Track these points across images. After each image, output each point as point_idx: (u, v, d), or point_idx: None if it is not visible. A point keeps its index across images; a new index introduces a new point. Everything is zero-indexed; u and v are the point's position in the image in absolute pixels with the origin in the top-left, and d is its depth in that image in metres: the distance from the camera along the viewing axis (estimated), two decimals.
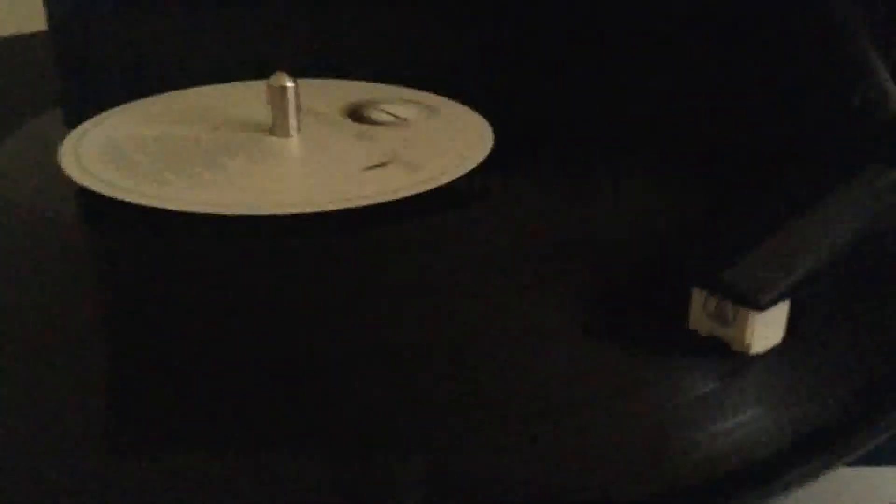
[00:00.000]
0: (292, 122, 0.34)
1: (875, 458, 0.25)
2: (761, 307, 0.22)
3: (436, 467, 0.20)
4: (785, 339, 0.23)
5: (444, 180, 0.31)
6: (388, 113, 0.37)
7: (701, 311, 0.23)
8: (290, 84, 0.34)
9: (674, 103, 0.39)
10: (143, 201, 0.30)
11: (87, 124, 0.36)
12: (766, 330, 0.23)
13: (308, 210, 0.29)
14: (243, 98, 0.38)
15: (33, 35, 0.48)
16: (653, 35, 0.43)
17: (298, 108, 0.34)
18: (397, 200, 0.30)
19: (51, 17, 0.48)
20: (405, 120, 0.36)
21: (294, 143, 0.34)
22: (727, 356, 0.23)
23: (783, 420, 0.21)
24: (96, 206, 0.30)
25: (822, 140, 0.32)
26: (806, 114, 0.35)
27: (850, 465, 0.22)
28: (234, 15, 0.49)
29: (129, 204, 0.30)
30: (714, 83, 0.40)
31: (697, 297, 0.23)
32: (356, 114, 0.37)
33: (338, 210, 0.29)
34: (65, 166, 0.32)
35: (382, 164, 0.32)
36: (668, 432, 0.21)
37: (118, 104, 0.38)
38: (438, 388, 0.22)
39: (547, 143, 0.36)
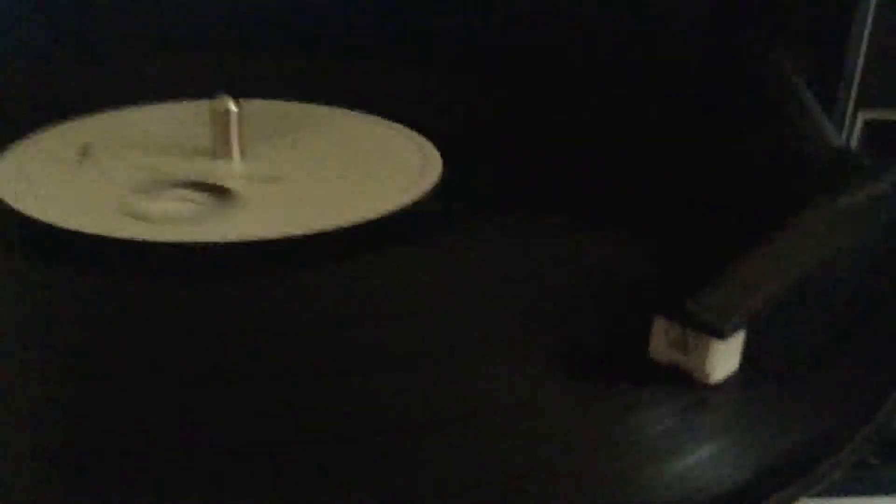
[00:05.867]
0: (235, 145, 0.33)
1: (837, 490, 0.25)
2: (723, 336, 0.22)
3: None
4: (745, 372, 0.23)
5: None
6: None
7: (662, 340, 0.23)
8: (233, 108, 0.33)
9: (634, 136, 0.39)
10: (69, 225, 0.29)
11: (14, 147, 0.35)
12: (725, 358, 0.23)
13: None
14: (181, 119, 0.37)
15: None
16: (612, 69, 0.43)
17: (241, 131, 0.33)
18: None
19: None
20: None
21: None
22: (686, 389, 0.22)
23: (744, 452, 0.21)
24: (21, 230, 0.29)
25: (768, 181, 0.33)
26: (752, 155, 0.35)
27: (813, 496, 0.21)
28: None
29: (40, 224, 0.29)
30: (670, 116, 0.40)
31: (660, 325, 0.23)
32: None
33: None
34: None
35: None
36: (627, 466, 0.21)
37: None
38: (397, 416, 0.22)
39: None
